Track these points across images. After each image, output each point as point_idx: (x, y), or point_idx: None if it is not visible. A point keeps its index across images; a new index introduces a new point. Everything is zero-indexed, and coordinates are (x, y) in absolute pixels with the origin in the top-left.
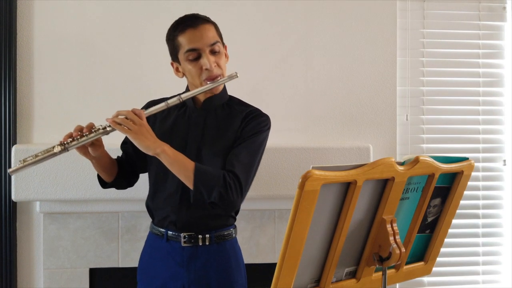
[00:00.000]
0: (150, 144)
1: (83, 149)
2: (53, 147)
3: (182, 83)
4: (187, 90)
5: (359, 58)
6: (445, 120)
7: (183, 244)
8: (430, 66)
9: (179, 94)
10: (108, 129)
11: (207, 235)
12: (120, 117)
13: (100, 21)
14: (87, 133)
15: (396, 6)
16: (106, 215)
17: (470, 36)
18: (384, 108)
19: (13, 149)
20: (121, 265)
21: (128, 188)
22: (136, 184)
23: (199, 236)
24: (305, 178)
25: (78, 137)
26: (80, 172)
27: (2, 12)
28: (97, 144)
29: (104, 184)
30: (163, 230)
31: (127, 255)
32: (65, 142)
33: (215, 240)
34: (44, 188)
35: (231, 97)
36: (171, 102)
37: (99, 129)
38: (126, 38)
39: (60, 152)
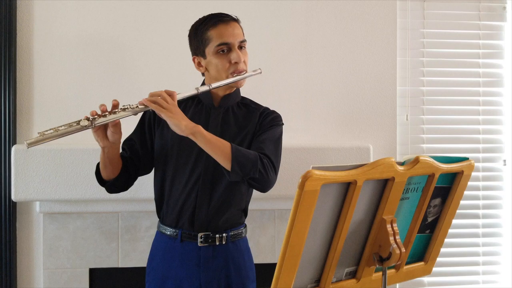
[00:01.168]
0: (187, 124)
1: (101, 132)
2: (79, 121)
3: (182, 80)
4: (204, 85)
5: (359, 58)
6: (445, 120)
7: (199, 244)
8: (430, 66)
9: (209, 84)
10: (140, 107)
11: (224, 235)
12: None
13: (100, 21)
14: (116, 110)
15: (396, 6)
16: (106, 215)
17: (470, 36)
18: (384, 108)
19: (13, 149)
20: (121, 265)
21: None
22: (136, 184)
23: (216, 235)
24: (305, 178)
25: (107, 113)
26: (80, 172)
27: (2, 12)
28: (118, 126)
29: (103, 182)
30: (176, 230)
31: (127, 255)
32: (91, 117)
33: (230, 239)
34: (44, 188)
35: (243, 97)
36: (202, 89)
37: (127, 108)
38: (126, 38)
39: (86, 127)
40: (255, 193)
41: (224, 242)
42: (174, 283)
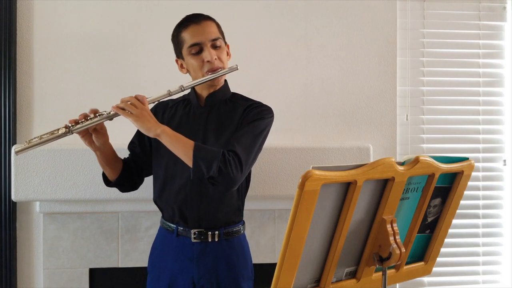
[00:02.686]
0: (150, 126)
1: (87, 137)
2: (58, 129)
3: (183, 78)
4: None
5: (359, 58)
6: (445, 120)
7: (193, 240)
8: (430, 66)
9: (181, 85)
10: (111, 112)
11: (216, 232)
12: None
13: (100, 21)
14: (92, 116)
15: (396, 6)
16: (106, 215)
17: (470, 36)
18: (384, 108)
19: (13, 148)
20: (121, 265)
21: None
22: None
23: (209, 232)
24: (305, 178)
25: (82, 120)
26: (80, 172)
27: (2, 12)
28: (101, 132)
29: (108, 182)
30: (173, 225)
31: (127, 255)
32: (69, 125)
33: (224, 237)
34: (44, 188)
35: (234, 93)
36: (173, 90)
37: (102, 114)
38: (126, 37)
39: (64, 134)
40: (255, 193)
41: (217, 240)
42: (170, 275)
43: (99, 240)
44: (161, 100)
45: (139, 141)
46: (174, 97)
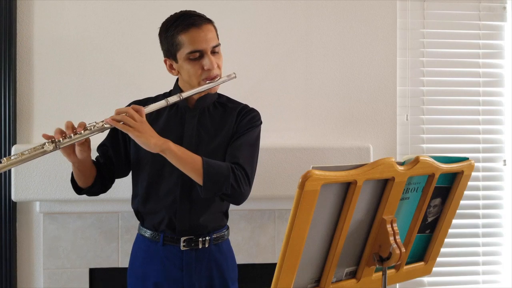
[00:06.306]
0: (156, 142)
1: (69, 150)
2: (43, 144)
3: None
4: (177, 87)
5: (359, 58)
6: (445, 120)
7: (182, 248)
8: (430, 66)
9: (179, 93)
10: (105, 126)
11: (207, 238)
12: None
13: (99, 21)
14: (81, 131)
15: (396, 6)
16: (106, 215)
17: (470, 36)
18: (384, 108)
19: (13, 149)
20: (121, 265)
21: (128, 188)
22: None
23: (199, 239)
24: (305, 178)
25: (72, 134)
26: None
27: (2, 12)
28: (86, 144)
29: (79, 190)
30: (158, 234)
31: (127, 255)
32: (57, 140)
33: (213, 242)
34: (44, 188)
35: (220, 95)
36: (171, 99)
37: (93, 126)
38: (125, 38)
39: (51, 150)
40: (255, 193)
41: (207, 245)
42: (156, 285)
43: (99, 240)
44: (155, 105)
45: (112, 144)
46: (153, 95)
